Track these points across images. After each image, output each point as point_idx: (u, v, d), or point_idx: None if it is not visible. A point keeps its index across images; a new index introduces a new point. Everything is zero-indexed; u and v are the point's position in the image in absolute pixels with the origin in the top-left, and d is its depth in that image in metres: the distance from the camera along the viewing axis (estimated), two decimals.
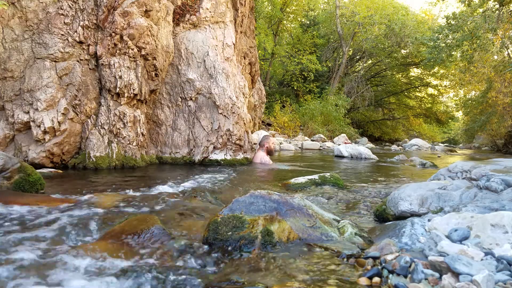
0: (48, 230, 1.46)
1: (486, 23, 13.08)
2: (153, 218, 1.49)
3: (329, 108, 17.43)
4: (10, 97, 3.67)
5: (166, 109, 4.87)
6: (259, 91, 8.51)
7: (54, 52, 3.74)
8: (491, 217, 1.18)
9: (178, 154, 4.75)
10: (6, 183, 2.10)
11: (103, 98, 4.07)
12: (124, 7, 3.98)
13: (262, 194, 1.48)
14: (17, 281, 1.03)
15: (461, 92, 21.99)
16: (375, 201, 2.38)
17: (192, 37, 5.11)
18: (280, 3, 20.08)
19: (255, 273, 1.12)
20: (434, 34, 16.34)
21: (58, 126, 3.65)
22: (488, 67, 14.58)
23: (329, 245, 1.31)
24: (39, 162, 3.59)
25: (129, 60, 4.06)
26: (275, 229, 1.34)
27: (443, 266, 0.97)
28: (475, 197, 1.64)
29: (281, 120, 15.94)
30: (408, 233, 1.39)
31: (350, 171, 4.82)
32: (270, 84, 22.74)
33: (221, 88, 4.90)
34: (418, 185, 1.90)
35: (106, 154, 3.88)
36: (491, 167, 1.86)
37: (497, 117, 14.36)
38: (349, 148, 7.70)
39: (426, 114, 27.17)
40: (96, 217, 1.69)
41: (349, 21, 22.16)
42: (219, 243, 1.29)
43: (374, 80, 26.80)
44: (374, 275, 1.05)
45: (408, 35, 20.79)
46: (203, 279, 1.08)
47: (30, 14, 3.73)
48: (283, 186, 2.94)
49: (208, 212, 1.87)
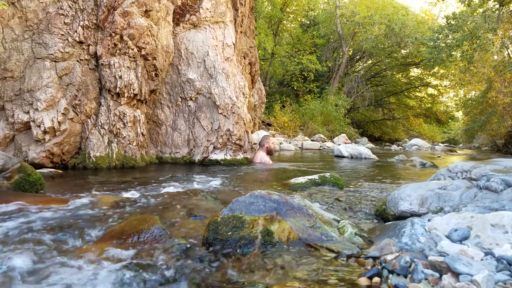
0: (48, 230, 1.46)
1: (486, 23, 13.08)
2: (153, 218, 1.49)
3: (329, 108, 17.43)
4: (10, 97, 3.67)
5: (166, 109, 4.87)
6: (259, 91, 8.51)
7: (54, 52, 3.74)
8: (491, 217, 1.18)
9: (178, 154, 4.75)
10: (6, 183, 2.10)
11: (103, 98, 4.07)
12: (124, 7, 3.98)
13: (262, 194, 1.48)
14: (16, 281, 1.03)
15: (461, 92, 21.99)
16: (375, 201, 2.38)
17: (192, 37, 5.11)
18: (280, 3, 20.07)
19: (255, 273, 1.12)
20: (434, 34, 16.33)
21: (58, 126, 3.65)
22: (488, 67, 14.57)
23: (329, 245, 1.31)
24: (39, 162, 3.59)
25: (129, 60, 4.06)
26: (275, 229, 1.34)
27: (443, 266, 0.97)
28: (475, 197, 1.64)
29: (281, 120, 15.93)
30: (408, 233, 1.39)
31: (350, 171, 4.82)
32: (270, 84, 22.73)
33: (221, 88, 4.90)
34: (418, 185, 1.90)
35: (106, 154, 3.88)
36: (491, 167, 1.85)
37: (497, 117, 14.35)
38: (349, 148, 7.70)
39: (426, 114, 27.16)
40: (96, 217, 1.69)
41: (349, 21, 22.16)
42: (219, 243, 1.28)
43: (374, 80, 26.79)
44: (374, 275, 1.05)
45: (408, 35, 20.78)
46: (203, 279, 1.08)
47: (30, 14, 3.73)
48: (283, 186, 2.94)
49: (208, 212, 1.87)
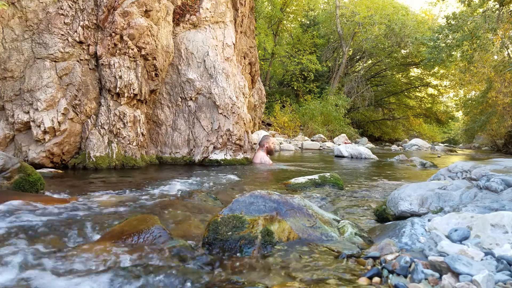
0: (48, 230, 1.46)
1: (486, 23, 13.08)
2: (153, 218, 1.49)
3: (329, 108, 17.43)
4: (10, 97, 3.67)
5: (166, 109, 4.87)
6: (259, 91, 8.51)
7: (54, 52, 3.74)
8: (491, 217, 1.18)
9: (178, 154, 4.75)
10: (6, 183, 2.10)
11: (103, 98, 4.07)
12: (124, 7, 3.98)
13: (262, 194, 1.48)
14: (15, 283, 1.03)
15: (461, 92, 21.99)
16: (375, 201, 2.38)
17: (192, 37, 5.11)
18: (280, 3, 20.08)
19: (255, 273, 1.12)
20: (434, 34, 16.34)
21: (58, 126, 3.65)
22: (488, 67, 14.57)
23: (329, 245, 1.31)
24: (39, 162, 3.59)
25: (129, 60, 4.06)
26: (275, 229, 1.34)
27: (443, 266, 0.97)
28: (475, 197, 1.64)
29: (281, 120, 15.93)
30: (408, 233, 1.39)
31: (350, 171, 4.82)
32: (270, 84, 22.73)
33: (221, 88, 4.90)
34: (418, 185, 1.90)
35: (106, 154, 3.88)
36: (491, 167, 1.85)
37: (497, 117, 14.36)
38: (349, 148, 7.70)
39: (426, 114, 27.17)
40: (96, 217, 1.69)
41: (349, 21, 22.16)
42: (219, 243, 1.28)
43: (374, 80, 26.80)
44: (374, 275, 1.05)
45: (408, 35, 20.79)
46: (203, 279, 1.08)
47: (30, 14, 3.73)
48: (283, 186, 2.94)
49: (208, 212, 1.87)
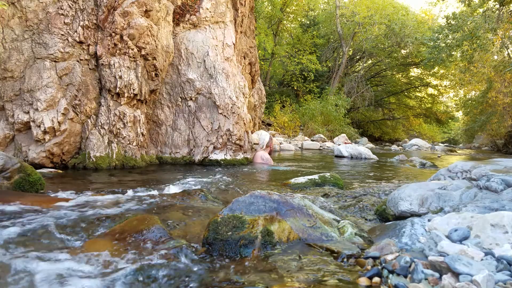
0: (48, 230, 1.46)
1: (486, 23, 13.08)
2: (153, 218, 1.49)
3: (329, 108, 17.41)
4: (10, 97, 3.67)
5: (166, 109, 4.87)
6: (259, 91, 8.51)
7: (54, 52, 3.74)
8: (491, 217, 1.18)
9: (178, 154, 4.75)
10: (6, 183, 2.10)
11: (103, 98, 4.07)
12: (124, 7, 3.98)
13: (262, 194, 1.48)
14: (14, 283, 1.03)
15: (461, 92, 21.97)
16: (375, 201, 2.38)
17: (192, 37, 5.11)
18: (280, 3, 20.06)
19: (255, 273, 1.12)
20: (434, 34, 16.33)
21: (58, 126, 3.65)
22: (488, 67, 14.57)
23: (329, 245, 1.31)
24: (39, 162, 3.59)
25: (129, 60, 4.06)
26: (275, 229, 1.34)
27: (443, 266, 0.97)
28: (475, 197, 1.64)
29: (281, 120, 15.92)
30: (408, 233, 1.39)
31: (350, 171, 4.82)
32: (270, 84, 22.72)
33: (221, 88, 4.90)
34: (418, 185, 1.90)
35: (106, 154, 3.88)
36: (491, 167, 1.85)
37: (497, 117, 14.35)
38: (349, 148, 7.70)
39: (426, 114, 27.15)
40: (96, 217, 1.69)
41: (349, 21, 22.15)
42: (219, 243, 1.28)
43: (374, 80, 26.79)
44: (374, 275, 1.05)
45: (408, 35, 20.77)
46: (203, 279, 1.08)
47: (30, 14, 3.73)
48: (283, 186, 2.94)
49: (208, 212, 1.87)
